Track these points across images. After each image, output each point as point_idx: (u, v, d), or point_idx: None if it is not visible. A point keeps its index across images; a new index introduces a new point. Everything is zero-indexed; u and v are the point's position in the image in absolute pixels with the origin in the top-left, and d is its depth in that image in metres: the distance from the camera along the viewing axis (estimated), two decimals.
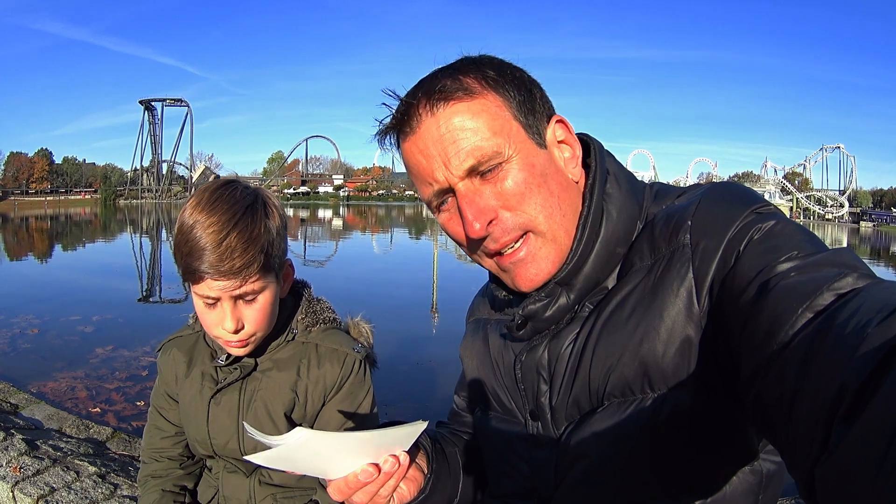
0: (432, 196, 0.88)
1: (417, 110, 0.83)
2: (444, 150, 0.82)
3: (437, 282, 12.05)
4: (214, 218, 1.07)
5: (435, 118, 0.82)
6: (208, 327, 1.17)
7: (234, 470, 1.32)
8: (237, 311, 1.13)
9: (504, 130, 0.83)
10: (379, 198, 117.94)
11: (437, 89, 0.82)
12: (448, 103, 0.82)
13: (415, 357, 6.48)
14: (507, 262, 0.87)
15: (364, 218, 59.34)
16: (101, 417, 4.57)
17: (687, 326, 0.76)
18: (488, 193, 0.83)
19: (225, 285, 1.08)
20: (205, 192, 1.13)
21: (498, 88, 0.84)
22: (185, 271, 1.09)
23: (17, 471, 2.81)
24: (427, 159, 0.84)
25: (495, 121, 0.82)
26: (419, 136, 0.84)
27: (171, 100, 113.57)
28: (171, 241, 1.14)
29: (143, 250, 22.32)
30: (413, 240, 29.70)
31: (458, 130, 0.81)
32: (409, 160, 0.88)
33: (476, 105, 0.82)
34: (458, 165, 0.82)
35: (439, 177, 0.84)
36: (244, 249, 1.08)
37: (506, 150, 0.82)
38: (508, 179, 0.82)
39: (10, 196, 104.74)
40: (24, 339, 7.11)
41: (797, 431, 0.51)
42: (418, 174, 0.87)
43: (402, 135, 0.86)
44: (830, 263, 0.63)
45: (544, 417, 0.91)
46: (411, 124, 0.84)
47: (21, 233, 34.30)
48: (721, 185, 0.84)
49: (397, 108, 0.86)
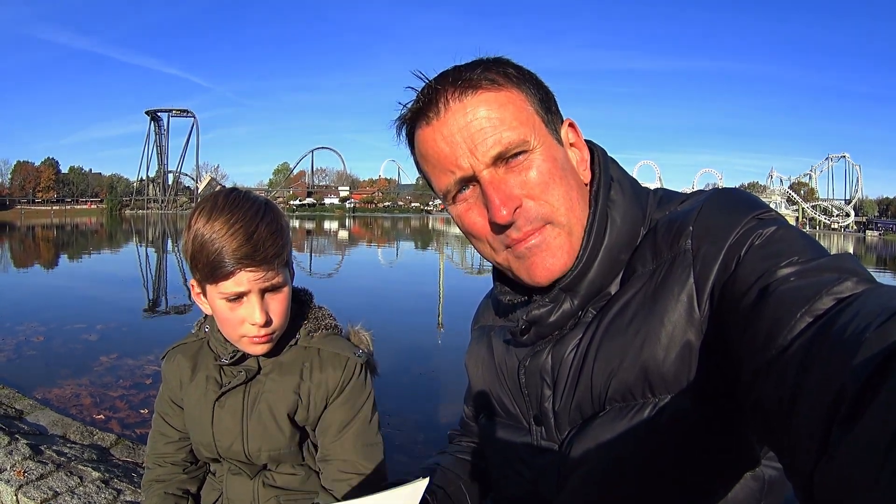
0: (452, 185, 0.88)
1: (445, 96, 0.84)
2: (470, 137, 0.83)
3: (443, 294, 12.02)
4: (239, 214, 1.11)
5: (462, 104, 0.83)
6: (232, 327, 1.18)
7: (238, 472, 1.33)
8: (265, 304, 1.16)
9: (529, 122, 0.85)
10: (385, 209, 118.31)
11: (465, 78, 0.84)
12: (476, 92, 0.83)
13: (420, 368, 6.48)
14: (522, 247, 0.86)
15: (370, 230, 59.40)
16: (106, 424, 4.58)
17: (688, 331, 0.76)
18: (513, 182, 0.84)
19: (256, 276, 1.12)
20: (216, 198, 1.16)
21: (521, 84, 0.87)
22: (210, 271, 1.11)
23: (22, 475, 2.82)
24: (451, 146, 0.84)
25: (521, 112, 0.84)
26: (444, 123, 0.84)
27: (178, 110, 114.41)
28: (183, 251, 1.17)
29: (149, 260, 22.34)
30: (419, 251, 29.62)
31: (485, 119, 0.83)
32: (428, 147, 0.88)
33: (502, 96, 0.84)
34: (484, 152, 0.83)
35: (464, 163, 0.84)
36: (274, 239, 1.13)
37: (531, 140, 0.84)
38: (533, 169, 0.84)
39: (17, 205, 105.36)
40: (30, 347, 7.13)
41: (796, 435, 0.51)
42: (438, 162, 0.87)
43: (426, 120, 0.86)
44: (830, 268, 0.63)
45: (548, 422, 0.91)
46: (437, 110, 0.85)
47: (27, 241, 34.47)
48: (723, 191, 0.84)
49: (422, 92, 0.87)
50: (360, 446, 1.27)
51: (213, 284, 1.13)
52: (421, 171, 0.95)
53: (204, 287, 1.16)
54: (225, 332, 1.22)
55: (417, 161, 0.93)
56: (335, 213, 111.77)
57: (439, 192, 0.91)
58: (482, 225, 0.88)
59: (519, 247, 0.87)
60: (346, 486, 1.25)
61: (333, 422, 1.28)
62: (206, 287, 1.15)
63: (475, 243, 0.93)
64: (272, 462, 1.30)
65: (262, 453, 1.26)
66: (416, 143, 0.91)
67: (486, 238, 0.89)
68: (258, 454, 1.26)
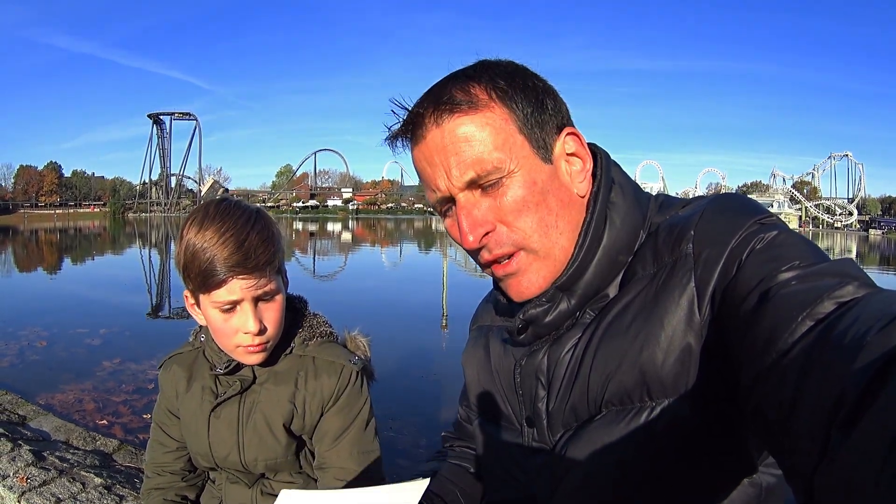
0: (436, 202, 0.89)
1: (424, 120, 0.84)
2: (446, 160, 0.83)
3: (446, 295, 12.02)
4: (230, 222, 1.12)
5: (440, 129, 0.83)
6: (226, 337, 1.18)
7: (236, 481, 1.33)
8: (258, 312, 1.16)
9: (507, 145, 0.83)
10: (388, 211, 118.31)
11: (445, 100, 0.83)
12: (453, 115, 0.82)
13: (422, 371, 6.49)
14: (500, 273, 0.88)
15: (373, 231, 59.28)
16: (108, 430, 4.58)
17: (688, 335, 0.75)
18: (486, 207, 0.84)
19: (249, 284, 1.12)
20: (207, 208, 1.16)
21: (506, 100, 0.84)
22: (202, 280, 1.11)
23: (24, 481, 2.82)
24: (431, 167, 0.85)
25: (499, 135, 0.82)
26: (426, 145, 0.85)
27: (180, 113, 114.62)
28: (176, 262, 1.17)
29: (152, 264, 22.36)
30: (423, 253, 29.60)
31: (461, 143, 0.82)
32: (416, 166, 0.90)
33: (480, 118, 0.82)
34: (458, 177, 0.83)
35: (441, 185, 0.85)
36: (265, 247, 1.14)
37: (507, 164, 0.82)
38: (508, 195, 0.83)
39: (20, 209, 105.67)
40: (33, 352, 7.15)
41: (796, 439, 0.51)
42: (424, 180, 0.89)
43: (413, 140, 0.88)
44: (832, 273, 0.62)
45: (540, 424, 0.91)
46: (418, 133, 0.86)
47: (30, 245, 34.51)
48: (724, 196, 0.84)
49: (406, 116, 0.88)
50: (357, 454, 1.28)
51: (206, 294, 1.13)
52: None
53: (197, 297, 1.17)
54: (220, 343, 1.22)
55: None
56: (338, 215, 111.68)
57: (431, 205, 0.93)
58: None
59: (497, 271, 0.88)
60: None
61: (329, 430, 1.28)
62: (200, 297, 1.16)
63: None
64: (269, 471, 1.30)
65: (259, 463, 1.27)
66: (412, 156, 0.91)
67: (468, 253, 0.91)
68: (255, 464, 1.27)
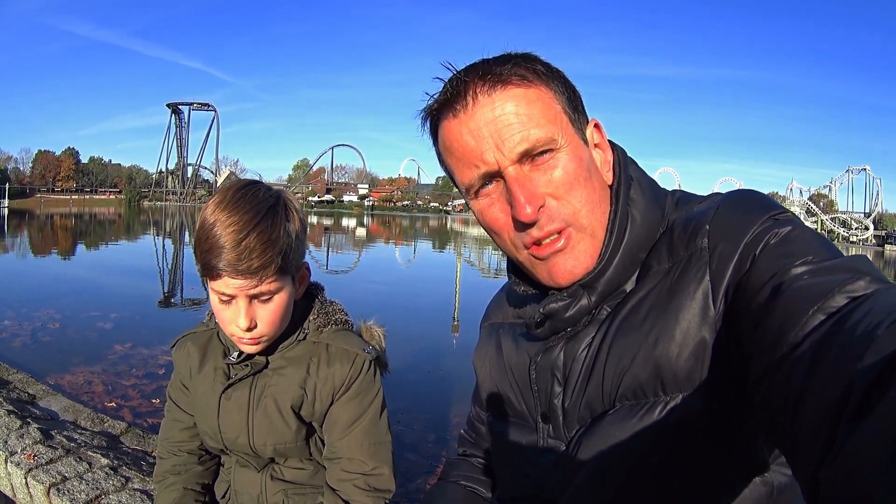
0: (475, 179, 0.86)
1: (474, 89, 0.83)
2: (497, 132, 0.81)
3: (459, 294, 12.01)
4: (236, 217, 1.08)
5: (491, 98, 0.82)
6: (223, 323, 1.18)
7: (245, 464, 1.32)
8: (252, 310, 1.13)
9: (557, 120, 0.83)
10: (404, 208, 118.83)
11: (495, 73, 0.82)
12: (506, 87, 0.82)
13: (432, 367, 6.47)
14: (545, 251, 0.85)
15: (388, 228, 59.51)
16: (117, 412, 4.59)
17: (702, 329, 0.75)
18: (538, 180, 0.83)
19: (241, 284, 1.09)
20: (228, 191, 1.13)
21: (549, 82, 0.85)
22: (203, 267, 1.10)
23: (32, 458, 2.84)
24: (477, 140, 0.83)
25: (549, 110, 0.83)
26: (471, 116, 0.83)
27: (199, 104, 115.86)
28: (192, 238, 1.15)
29: (166, 252, 22.57)
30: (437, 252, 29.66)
31: (513, 114, 0.81)
32: (454, 140, 0.86)
33: (531, 93, 0.83)
34: (511, 148, 0.81)
35: (489, 158, 0.83)
36: (263, 251, 1.08)
37: (559, 138, 0.82)
38: (559, 168, 0.83)
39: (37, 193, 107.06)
40: (45, 333, 7.20)
41: (803, 432, 0.51)
42: (463, 155, 0.86)
43: (452, 112, 0.85)
44: (844, 268, 0.62)
45: (556, 420, 0.90)
46: (465, 102, 0.83)
47: (46, 230, 34.96)
48: (740, 192, 0.84)
49: (450, 84, 0.85)
50: (368, 445, 1.26)
51: (208, 280, 1.12)
52: (443, 164, 0.94)
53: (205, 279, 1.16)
54: (221, 327, 1.22)
55: (440, 153, 0.92)
56: (353, 211, 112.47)
57: (462, 185, 0.90)
58: (504, 221, 0.87)
59: (542, 250, 0.85)
60: (352, 487, 1.24)
61: (340, 418, 1.26)
62: (206, 280, 1.14)
63: (496, 239, 0.92)
64: (279, 456, 1.29)
65: (268, 447, 1.25)
66: (440, 135, 0.89)
67: (507, 234, 0.88)
68: (264, 448, 1.25)
